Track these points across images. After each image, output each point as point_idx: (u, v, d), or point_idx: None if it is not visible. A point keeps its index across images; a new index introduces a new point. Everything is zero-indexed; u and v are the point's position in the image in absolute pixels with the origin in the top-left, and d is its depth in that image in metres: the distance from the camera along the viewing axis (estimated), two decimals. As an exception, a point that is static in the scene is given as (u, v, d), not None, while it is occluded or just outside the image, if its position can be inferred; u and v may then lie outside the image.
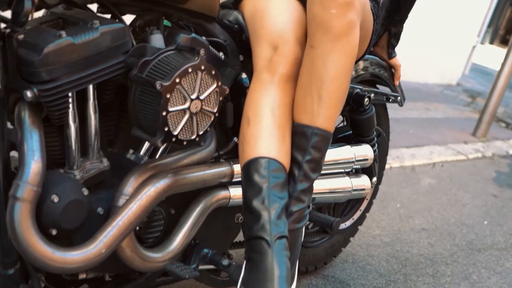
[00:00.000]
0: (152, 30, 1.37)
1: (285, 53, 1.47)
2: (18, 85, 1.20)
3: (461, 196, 3.76)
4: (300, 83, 1.44)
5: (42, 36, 1.20)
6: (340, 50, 1.38)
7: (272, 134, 1.40)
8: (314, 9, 1.41)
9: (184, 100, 1.30)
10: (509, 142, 5.54)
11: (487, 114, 5.24)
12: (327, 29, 1.38)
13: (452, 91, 7.19)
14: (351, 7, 1.38)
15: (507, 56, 5.16)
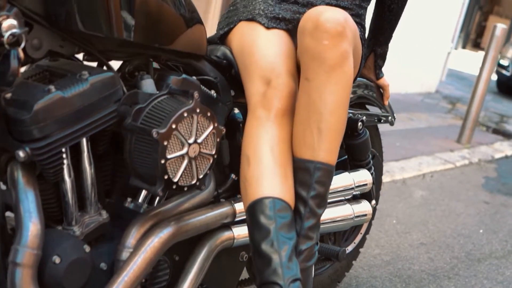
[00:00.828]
0: (142, 75, 1.34)
1: (278, 87, 1.44)
2: (9, 145, 1.16)
3: (454, 206, 3.75)
4: (298, 117, 1.41)
5: (31, 92, 1.16)
6: (336, 82, 1.36)
7: (274, 173, 1.36)
8: (306, 41, 1.38)
9: (181, 146, 1.27)
10: (493, 147, 5.57)
11: (470, 121, 5.26)
12: (321, 61, 1.35)
13: (432, 99, 7.22)
14: (343, 37, 1.36)
15: (484, 62, 5.20)
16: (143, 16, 1.26)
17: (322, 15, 1.37)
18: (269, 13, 1.61)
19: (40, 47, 1.19)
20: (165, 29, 1.34)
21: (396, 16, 2.05)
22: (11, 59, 1.06)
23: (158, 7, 1.30)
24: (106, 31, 1.21)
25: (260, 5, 1.65)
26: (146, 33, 1.29)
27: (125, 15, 1.23)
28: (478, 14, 14.84)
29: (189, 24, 1.42)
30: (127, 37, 1.24)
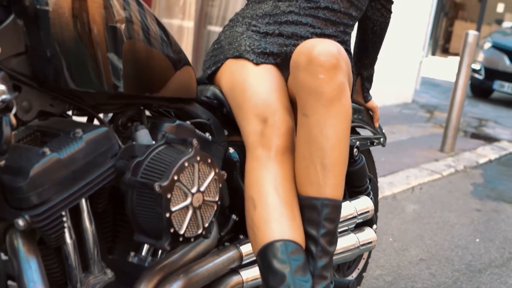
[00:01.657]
0: (136, 126, 1.30)
1: (276, 124, 1.41)
2: (6, 214, 1.11)
3: (446, 217, 3.74)
4: (300, 154, 1.38)
5: (25, 157, 1.11)
6: (335, 115, 1.33)
7: (282, 214, 1.33)
8: (301, 77, 1.36)
9: (185, 196, 1.23)
10: (477, 152, 5.59)
11: (451, 129, 5.28)
12: (318, 96, 1.33)
13: (409, 109, 7.25)
14: (338, 69, 1.34)
15: (459, 69, 5.24)
16: (133, 65, 1.23)
17: (315, 49, 1.35)
18: (256, 48, 1.59)
19: (30, 109, 1.15)
20: (155, 76, 1.31)
21: (379, 38, 2.05)
22: (3, 127, 1.02)
23: (146, 53, 1.27)
24: (97, 86, 1.18)
25: (246, 41, 1.62)
26: (136, 83, 1.25)
27: (114, 67, 1.19)
28: (444, 20, 15.06)
29: (178, 67, 1.39)
30: (118, 90, 1.21)
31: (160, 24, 1.33)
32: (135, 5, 1.25)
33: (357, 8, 1.75)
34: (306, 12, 1.66)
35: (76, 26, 1.13)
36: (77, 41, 1.14)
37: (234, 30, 1.70)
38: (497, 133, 6.69)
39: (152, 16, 1.32)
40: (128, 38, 1.21)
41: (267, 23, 1.67)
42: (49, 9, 1.11)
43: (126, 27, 1.21)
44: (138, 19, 1.24)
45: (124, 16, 1.20)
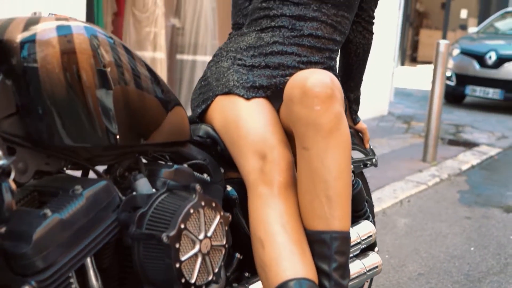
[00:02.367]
0: (135, 175, 1.27)
1: (275, 160, 1.39)
2: (10, 282, 1.06)
3: (438, 227, 3.74)
4: (303, 188, 1.35)
5: (26, 220, 1.07)
6: (335, 146, 1.32)
7: (292, 252, 1.30)
8: (297, 110, 1.34)
9: (193, 244, 1.20)
10: (458, 159, 5.62)
11: (431, 138, 5.31)
12: (317, 128, 1.31)
13: (387, 122, 7.30)
14: (334, 98, 1.33)
15: (434, 78, 5.29)
16: (127, 115, 1.20)
17: (308, 81, 1.34)
18: (245, 83, 1.57)
19: (26, 170, 1.11)
20: (149, 123, 1.28)
21: (363, 60, 2.04)
22: (3, 193, 0.98)
23: (139, 100, 1.24)
24: (93, 140, 1.15)
25: (233, 75, 1.60)
26: (132, 132, 1.22)
27: (108, 119, 1.16)
28: (410, 30, 15.27)
29: (169, 109, 1.36)
30: (114, 142, 1.18)
31: (148, 67, 1.31)
32: (123, 51, 1.23)
33: (341, 33, 1.74)
34: (291, 41, 1.65)
35: (67, 81, 1.10)
36: (70, 96, 1.11)
37: (219, 65, 1.68)
38: (475, 138, 6.75)
39: (140, 59, 1.30)
40: (120, 87, 1.19)
41: (252, 55, 1.65)
42: (38, 65, 1.08)
43: (117, 76, 1.18)
44: (128, 66, 1.22)
45: (114, 64, 1.18)
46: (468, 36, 10.07)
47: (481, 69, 8.93)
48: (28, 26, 1.09)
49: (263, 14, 1.69)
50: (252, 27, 1.72)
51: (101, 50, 1.16)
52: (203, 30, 5.68)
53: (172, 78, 5.64)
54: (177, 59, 5.77)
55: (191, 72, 5.74)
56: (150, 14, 4.86)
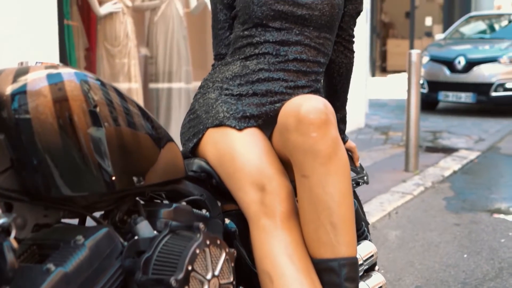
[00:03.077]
0: (135, 219, 1.24)
1: (275, 190, 1.37)
2: None
3: (429, 237, 3.74)
4: (305, 216, 1.33)
5: (28, 277, 1.03)
6: (335, 171, 1.30)
7: (301, 283, 1.27)
8: (293, 138, 1.32)
9: (201, 285, 1.17)
10: (440, 165, 5.66)
11: (412, 147, 5.34)
12: (315, 155, 1.30)
13: (365, 134, 7.33)
14: (329, 124, 1.32)
15: (409, 88, 5.33)
16: (123, 159, 1.18)
17: (302, 108, 1.32)
18: (235, 113, 1.55)
19: (25, 225, 1.08)
20: (145, 164, 1.25)
21: (347, 79, 2.04)
22: (5, 253, 0.94)
23: (134, 143, 1.21)
24: (90, 188, 1.12)
25: (222, 107, 1.59)
26: (129, 176, 1.20)
27: (105, 165, 1.13)
28: (377, 41, 15.44)
29: (163, 146, 1.33)
30: (111, 188, 1.15)
31: (138, 106, 1.29)
32: (113, 93, 1.20)
33: (324, 54, 1.74)
34: (276, 67, 1.64)
35: (61, 129, 1.07)
36: (65, 145, 1.08)
37: (207, 97, 1.66)
38: (453, 143, 6.81)
39: (130, 99, 1.28)
40: (113, 129, 1.16)
41: (239, 84, 1.64)
42: (30, 116, 1.05)
43: (110, 119, 1.16)
44: (119, 108, 1.19)
45: (106, 108, 1.15)
46: (435, 43, 10.21)
47: (451, 75, 9.05)
48: (17, 77, 1.06)
49: (246, 42, 1.68)
50: (236, 55, 1.71)
51: (93, 95, 1.14)
52: (176, 58, 5.68)
53: (149, 108, 5.62)
54: (152, 88, 5.76)
55: (168, 100, 5.74)
56: (123, 47, 4.84)
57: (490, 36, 10.13)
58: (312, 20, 1.67)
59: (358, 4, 1.88)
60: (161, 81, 5.74)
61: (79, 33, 4.87)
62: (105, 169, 1.13)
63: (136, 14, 5.25)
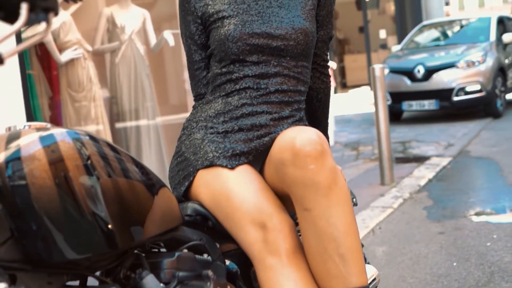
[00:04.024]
0: (140, 273, 1.20)
1: (277, 227, 1.34)
2: None
3: (416, 249, 3.74)
4: (312, 250, 1.31)
5: None
6: (337, 201, 1.29)
7: (317, 319, 1.25)
8: (291, 172, 1.31)
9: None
10: (415, 175, 5.70)
11: (385, 160, 5.37)
12: (315, 187, 1.28)
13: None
14: (325, 154, 1.31)
15: (376, 103, 5.38)
16: (122, 215, 1.14)
17: (296, 141, 1.31)
18: (224, 152, 1.54)
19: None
20: (144, 218, 1.22)
21: (326, 104, 2.04)
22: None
23: (132, 198, 1.18)
24: (93, 249, 1.08)
25: (210, 146, 1.57)
26: (129, 232, 1.16)
27: (105, 224, 1.10)
28: (335, 58, 15.62)
29: (157, 194, 1.30)
30: (114, 246, 1.11)
31: (131, 157, 1.26)
32: (106, 147, 1.17)
33: (304, 82, 1.74)
34: (259, 100, 1.63)
35: (59, 191, 1.04)
36: (64, 207, 1.04)
37: (192, 137, 1.64)
38: (423, 151, 6.89)
39: (123, 152, 1.25)
40: (110, 184, 1.13)
41: (223, 121, 1.62)
42: (27, 182, 1.01)
43: (106, 175, 1.12)
44: (114, 161, 1.17)
45: (102, 164, 1.12)
46: (393, 55, 10.37)
47: (412, 84, 9.20)
48: (9, 143, 1.03)
49: (226, 79, 1.67)
50: (216, 93, 1.69)
51: (86, 151, 1.11)
52: (141, 97, 5.66)
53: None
54: (120, 128, 5.72)
55: (137, 138, 5.70)
56: (87, 92, 4.79)
57: (445, 42, 10.34)
58: (288, 50, 1.67)
59: (329, 29, 1.89)
60: (128, 120, 5.71)
61: (41, 82, 4.81)
62: (106, 227, 1.10)
63: (97, 57, 5.21)
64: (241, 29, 1.65)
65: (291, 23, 1.68)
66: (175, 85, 6.52)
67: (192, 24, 1.75)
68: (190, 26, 1.75)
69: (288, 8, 1.71)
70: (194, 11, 1.73)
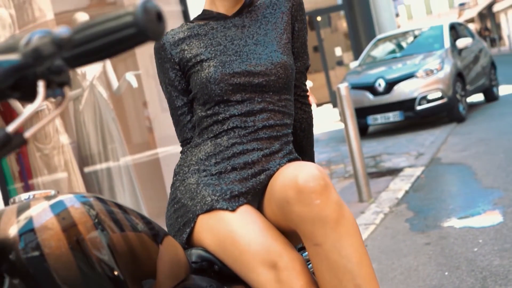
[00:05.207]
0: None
1: (288, 265, 1.33)
2: None
3: (406, 263, 3.76)
4: (327, 285, 1.31)
5: None
6: (346, 232, 1.29)
7: None
8: (297, 210, 1.30)
9: None
10: (391, 189, 5.75)
11: (361, 177, 5.41)
12: (323, 222, 1.28)
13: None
14: (328, 187, 1.31)
15: (345, 122, 5.43)
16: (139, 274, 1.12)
17: (299, 178, 1.31)
18: (222, 194, 1.53)
19: None
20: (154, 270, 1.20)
21: (309, 132, 2.05)
22: None
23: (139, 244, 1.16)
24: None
25: (207, 190, 1.56)
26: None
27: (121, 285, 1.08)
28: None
29: (161, 242, 1.28)
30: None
31: (137, 212, 1.25)
32: (113, 206, 1.16)
33: (289, 115, 1.75)
34: (248, 138, 1.64)
35: (76, 258, 1.01)
36: (83, 274, 1.02)
37: (187, 183, 1.63)
38: (395, 164, 6.95)
39: (125, 207, 1.23)
40: (123, 243, 1.11)
41: (216, 163, 1.62)
42: (43, 252, 0.98)
43: (117, 231, 1.11)
44: (123, 220, 1.15)
45: (113, 224, 1.10)
46: (353, 71, 10.51)
47: (375, 98, 9.32)
48: (20, 215, 1.00)
49: (212, 121, 1.67)
50: (204, 135, 1.69)
51: (94, 212, 1.09)
52: (108, 139, 5.63)
53: (92, 192, 5.50)
54: (91, 172, 5.67)
55: (109, 181, 5.66)
56: (55, 142, 4.75)
57: (401, 54, 10.53)
58: (270, 85, 1.68)
59: (305, 60, 1.91)
60: (98, 163, 5.66)
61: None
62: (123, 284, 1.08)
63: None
64: (221, 70, 1.65)
65: (270, 58, 1.69)
66: (137, 123, 6.51)
67: (170, 71, 1.74)
68: (169, 73, 1.75)
69: (264, 44, 1.72)
70: (171, 58, 1.73)
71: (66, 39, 0.71)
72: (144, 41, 0.74)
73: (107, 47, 0.74)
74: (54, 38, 0.71)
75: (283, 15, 1.79)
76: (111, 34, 0.73)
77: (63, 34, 0.71)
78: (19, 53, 0.73)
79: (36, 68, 0.73)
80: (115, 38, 0.73)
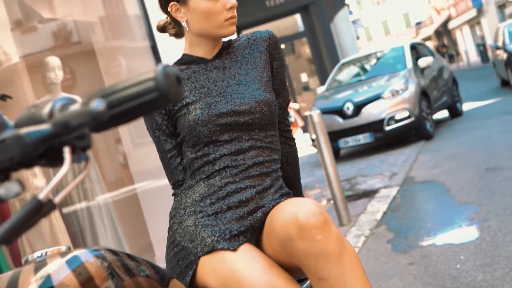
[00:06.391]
0: None
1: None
2: None
3: (392, 285, 3.80)
4: (334, 318, 1.34)
5: None
6: (350, 265, 1.33)
7: None
8: (300, 246, 1.34)
9: None
10: (369, 211, 5.81)
11: (339, 201, 5.46)
12: (326, 256, 1.32)
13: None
14: (328, 222, 1.36)
15: (320, 149, 5.49)
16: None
17: (299, 215, 1.36)
18: (222, 235, 1.56)
19: None
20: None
21: (295, 165, 2.09)
22: None
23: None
24: None
25: (206, 231, 1.59)
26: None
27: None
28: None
29: (167, 285, 1.31)
30: None
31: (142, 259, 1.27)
32: (124, 256, 1.19)
33: (277, 151, 1.80)
34: (240, 177, 1.68)
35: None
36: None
37: (184, 225, 1.65)
38: (370, 185, 7.04)
39: (134, 255, 1.26)
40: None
41: (211, 203, 1.66)
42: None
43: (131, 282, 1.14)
44: (136, 271, 1.18)
45: (125, 274, 1.13)
46: (321, 96, 10.66)
47: (344, 121, 9.46)
48: (37, 273, 1.02)
49: (203, 162, 1.71)
50: (196, 177, 1.72)
51: (107, 264, 1.12)
52: (86, 178, 5.61)
53: (72, 232, 5.47)
54: (71, 212, 5.64)
55: (90, 220, 5.64)
56: (34, 189, 4.72)
57: (366, 77, 10.73)
58: (256, 123, 1.73)
59: (286, 95, 1.97)
60: (78, 203, 5.63)
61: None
62: None
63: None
64: (208, 112, 1.69)
65: (253, 97, 1.74)
66: (111, 160, 6.50)
67: (157, 116, 1.78)
68: (156, 118, 1.78)
69: (246, 83, 1.77)
70: None
71: (103, 112, 0.74)
72: (165, 104, 0.78)
73: (130, 111, 0.78)
74: (91, 111, 0.74)
75: (261, 54, 1.85)
76: (134, 99, 0.76)
77: (100, 107, 0.74)
78: (49, 123, 0.76)
79: (64, 136, 0.76)
80: (138, 103, 0.77)
